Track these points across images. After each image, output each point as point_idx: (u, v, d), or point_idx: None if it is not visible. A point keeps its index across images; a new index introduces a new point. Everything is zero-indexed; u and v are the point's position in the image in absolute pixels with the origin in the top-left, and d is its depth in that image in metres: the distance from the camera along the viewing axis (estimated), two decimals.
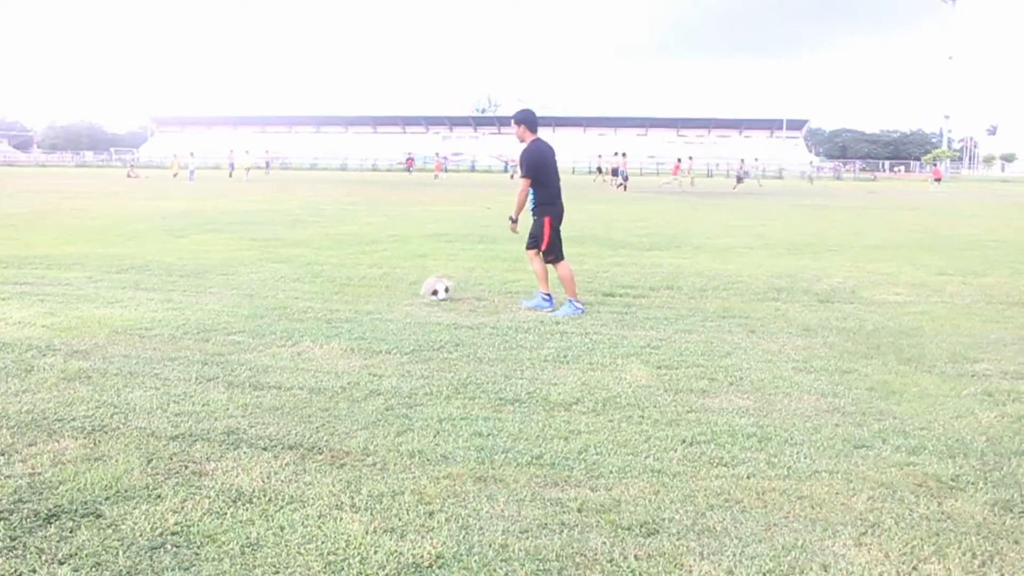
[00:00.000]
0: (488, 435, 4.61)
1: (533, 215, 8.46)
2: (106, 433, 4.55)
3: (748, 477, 4.07)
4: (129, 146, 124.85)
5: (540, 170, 8.36)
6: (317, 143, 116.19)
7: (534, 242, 8.46)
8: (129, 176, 54.71)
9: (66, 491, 3.76)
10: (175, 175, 50.32)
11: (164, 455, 4.23)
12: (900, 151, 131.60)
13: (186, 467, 4.09)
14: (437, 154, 75.28)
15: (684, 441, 4.57)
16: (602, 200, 32.17)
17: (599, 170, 48.86)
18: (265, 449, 4.34)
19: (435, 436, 4.58)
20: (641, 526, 3.51)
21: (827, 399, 5.43)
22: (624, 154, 47.83)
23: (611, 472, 4.11)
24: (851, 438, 4.68)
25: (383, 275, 10.50)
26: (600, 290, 9.58)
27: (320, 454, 4.29)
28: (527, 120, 8.30)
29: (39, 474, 3.96)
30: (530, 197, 8.44)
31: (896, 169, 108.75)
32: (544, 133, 8.38)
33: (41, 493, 3.74)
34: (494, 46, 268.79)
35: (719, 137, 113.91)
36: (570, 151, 67.00)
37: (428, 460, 4.23)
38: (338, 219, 20.36)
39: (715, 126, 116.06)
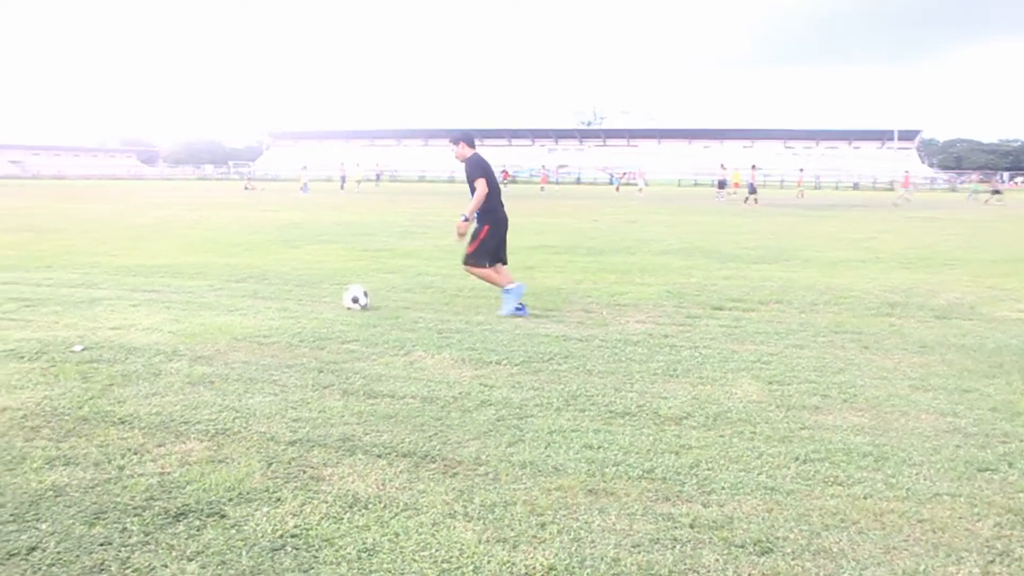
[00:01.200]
0: (599, 448, 4.60)
1: (476, 221, 8.77)
2: (229, 436, 4.71)
3: (865, 497, 3.95)
4: (246, 159, 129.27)
5: (490, 176, 8.76)
6: (425, 156, 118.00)
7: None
8: (246, 189, 56.58)
9: (193, 491, 3.91)
10: (302, 187, 51.54)
11: (283, 459, 4.35)
12: (1021, 161, 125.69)
13: (304, 472, 4.19)
14: (543, 167, 75.49)
15: (797, 459, 4.46)
16: (707, 212, 31.77)
17: (721, 184, 48.14)
18: (380, 456, 4.42)
19: (546, 447, 4.59)
20: (755, 544, 3.44)
21: (947, 419, 5.22)
22: (754, 166, 46.97)
23: (723, 488, 4.04)
24: (974, 460, 4.49)
25: (492, 287, 10.55)
26: (709, 303, 9.45)
27: (433, 462, 4.34)
28: (466, 138, 8.92)
29: (168, 473, 4.13)
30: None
31: (1015, 180, 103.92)
32: (649, 146, 8.44)
33: (170, 492, 3.90)
34: (598, 59, 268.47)
35: (828, 148, 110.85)
36: (675, 163, 66.31)
37: (539, 471, 4.24)
38: (446, 231, 20.56)
39: (823, 137, 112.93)
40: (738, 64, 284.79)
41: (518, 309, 8.61)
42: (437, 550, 3.38)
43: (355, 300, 8.78)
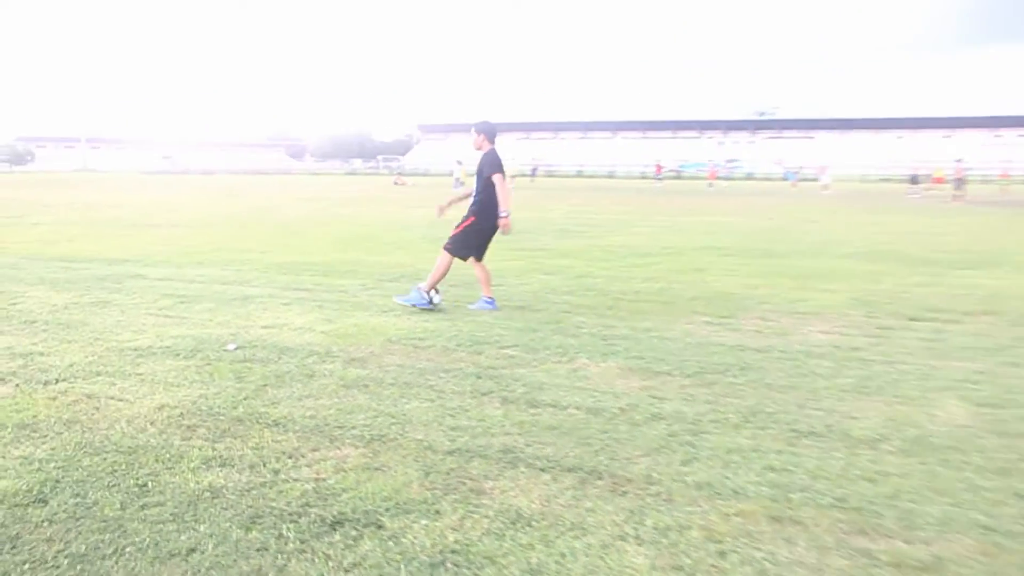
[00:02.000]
0: (783, 470, 4.45)
1: (469, 209, 9.28)
2: (385, 443, 4.81)
3: None
4: (395, 154, 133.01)
5: (502, 174, 9.13)
6: (583, 149, 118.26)
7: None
8: (396, 184, 58.18)
9: (349, 499, 4.01)
10: (455, 183, 52.62)
11: (442, 470, 4.41)
12: None
13: (464, 484, 4.23)
14: (710, 161, 74.16)
15: (1020, 496, 4.17)
16: (896, 211, 30.47)
17: (914, 180, 46.31)
18: (543, 470, 4.42)
19: (724, 468, 4.48)
20: None
21: None
22: (959, 160, 44.85)
23: (929, 524, 3.83)
24: None
25: (659, 290, 10.47)
26: (903, 313, 9.03)
27: (600, 479, 4.31)
28: (488, 131, 9.21)
29: (323, 480, 4.25)
30: (472, 193, 9.37)
31: None
32: (830, 137, 8.15)
33: (326, 499, 4.01)
34: (772, 45, 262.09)
35: None
36: (859, 157, 63.81)
37: (717, 494, 4.14)
38: (607, 229, 20.60)
39: None
40: (933, 45, 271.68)
41: (488, 302, 9.14)
42: (606, 575, 3.34)
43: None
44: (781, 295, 10.19)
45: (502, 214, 9.03)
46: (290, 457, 4.56)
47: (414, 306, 8.93)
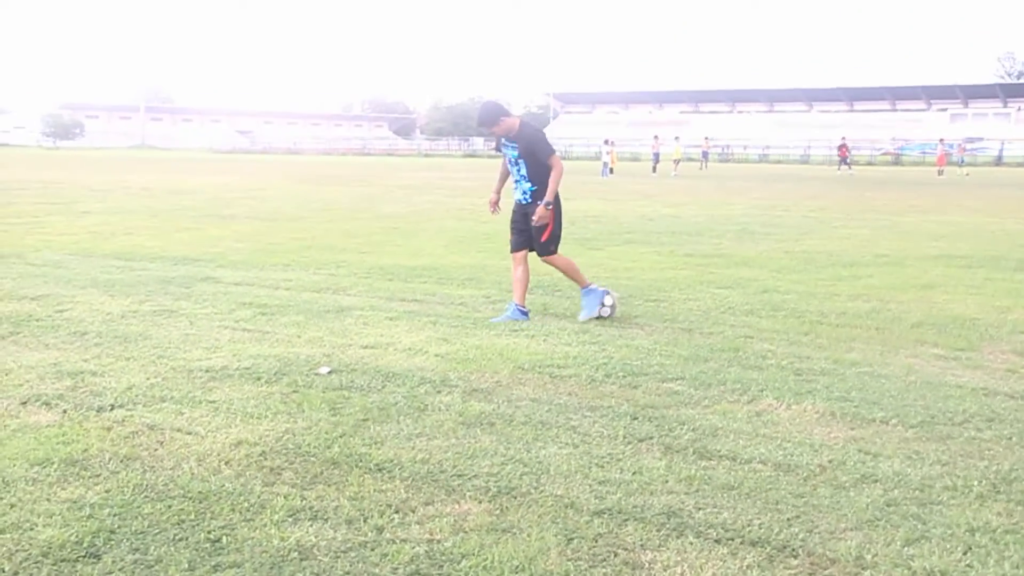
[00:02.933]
0: None
1: (536, 204, 9.65)
2: (515, 498, 4.84)
3: None
4: None
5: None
6: (769, 125, 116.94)
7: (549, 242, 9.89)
8: None
9: (470, 567, 4.05)
10: (603, 170, 52.85)
11: (587, 535, 4.41)
12: None
13: (615, 554, 4.23)
14: (941, 141, 71.83)
15: None
16: None
17: None
18: (718, 541, 4.38)
19: (964, 554, 4.32)
20: None
21: None
22: None
23: None
24: None
25: (871, 311, 10.26)
26: None
27: (795, 558, 4.24)
28: (504, 111, 9.86)
29: (439, 541, 4.31)
30: (527, 183, 9.84)
31: None
32: None
33: (441, 567, 4.06)
34: None
35: None
36: None
37: None
38: (801, 230, 20.31)
39: None
40: None
41: (522, 313, 9.68)
42: None
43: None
44: None
45: (547, 202, 9.58)
46: (397, 511, 4.63)
47: (596, 317, 9.51)
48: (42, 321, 8.94)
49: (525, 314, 9.64)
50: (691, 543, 4.36)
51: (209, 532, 4.34)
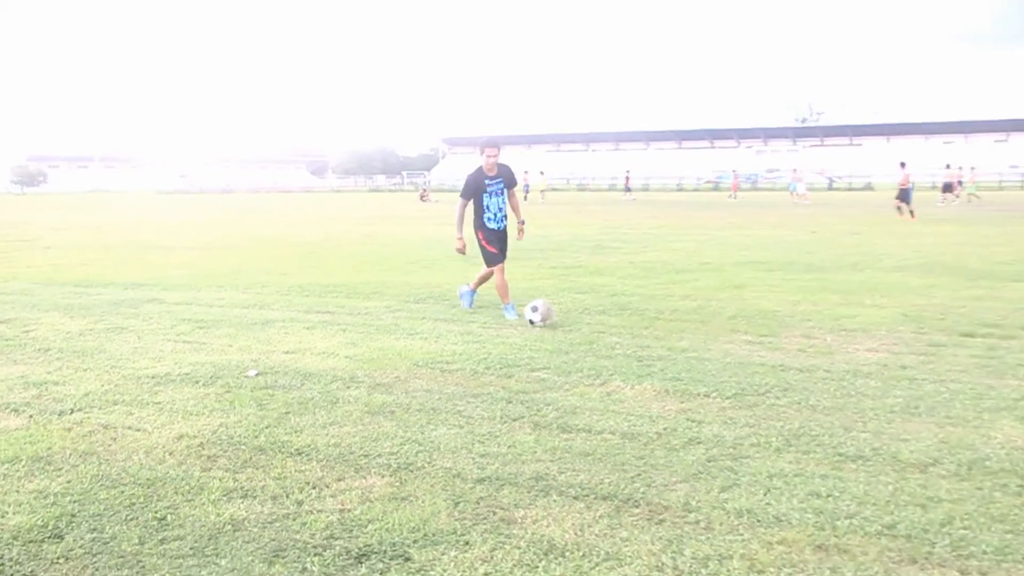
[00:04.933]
0: (828, 496, 4.45)
1: (504, 227, 10.29)
2: (411, 472, 4.85)
3: None
4: (420, 169, 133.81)
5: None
6: (616, 161, 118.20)
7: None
8: (422, 199, 58.50)
9: (375, 530, 4.05)
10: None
11: (471, 499, 4.44)
12: None
13: (494, 513, 4.27)
14: (734, 172, 72.50)
15: None
16: (947, 221, 30.20)
17: (947, 187, 47.04)
18: (577, 498, 4.45)
19: (765, 494, 4.48)
20: None
21: None
22: (948, 165, 49.14)
23: (986, 553, 3.81)
24: None
25: (697, 308, 10.47)
26: (956, 329, 8.95)
27: (637, 507, 4.33)
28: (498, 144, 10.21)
29: (349, 511, 4.30)
30: (496, 209, 10.17)
31: None
32: (876, 143, 8.13)
33: (351, 531, 4.06)
34: (812, 46, 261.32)
35: None
36: (909, 164, 63.21)
37: (758, 521, 4.14)
38: (643, 245, 20.58)
39: None
40: (985, 40, 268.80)
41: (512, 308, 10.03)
42: None
43: (537, 312, 9.30)
44: (826, 311, 10.15)
45: (521, 220, 10.58)
46: (314, 487, 4.62)
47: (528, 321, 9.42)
48: (11, 340, 8.68)
49: (512, 308, 9.99)
50: (555, 500, 4.42)
51: (156, 512, 4.28)
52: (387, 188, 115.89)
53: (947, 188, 46.94)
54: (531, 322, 9.26)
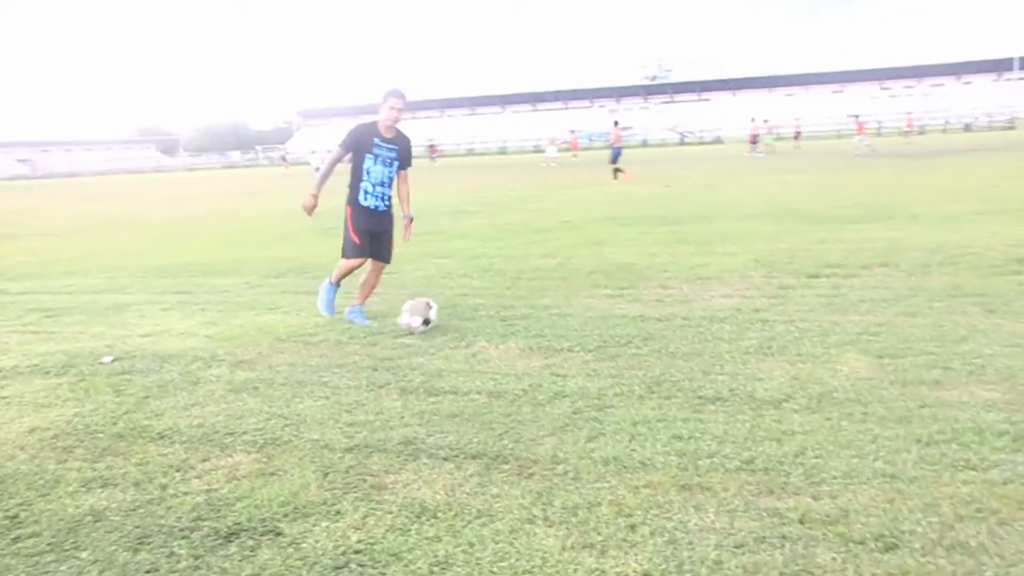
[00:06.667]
0: (689, 438, 4.57)
1: (389, 207, 8.07)
2: (279, 446, 4.77)
3: (1005, 483, 3.84)
4: (275, 143, 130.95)
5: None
6: (472, 126, 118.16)
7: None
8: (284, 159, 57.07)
9: (244, 508, 3.97)
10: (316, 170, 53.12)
11: (340, 468, 4.40)
12: None
13: (364, 480, 4.23)
14: (572, 132, 72.28)
15: (919, 441, 4.38)
16: (795, 170, 31.30)
17: (755, 139, 49.89)
18: (446, 459, 4.45)
19: (630, 441, 4.57)
20: (876, 540, 3.38)
21: None
22: (753, 119, 53.58)
23: (835, 478, 3.98)
24: None
25: (558, 266, 10.59)
26: (803, 271, 9.32)
27: (506, 463, 4.36)
28: None
29: (215, 490, 4.20)
30: (379, 180, 7.90)
31: None
32: (723, 98, 8.28)
33: (219, 510, 3.97)
34: (663, 4, 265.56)
35: (932, 87, 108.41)
36: (761, 115, 65.38)
37: (625, 467, 4.23)
38: (503, 207, 20.68)
39: (927, 74, 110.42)
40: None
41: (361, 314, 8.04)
42: (517, 560, 3.38)
43: (425, 322, 7.39)
44: (682, 262, 10.41)
45: (411, 216, 8.27)
46: (178, 470, 4.49)
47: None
48: None
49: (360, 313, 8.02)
50: (425, 463, 4.41)
51: (7, 511, 4.07)
52: (242, 164, 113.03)
53: (755, 140, 49.71)
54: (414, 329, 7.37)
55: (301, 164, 69.03)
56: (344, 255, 8.02)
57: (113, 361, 6.83)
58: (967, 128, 78.55)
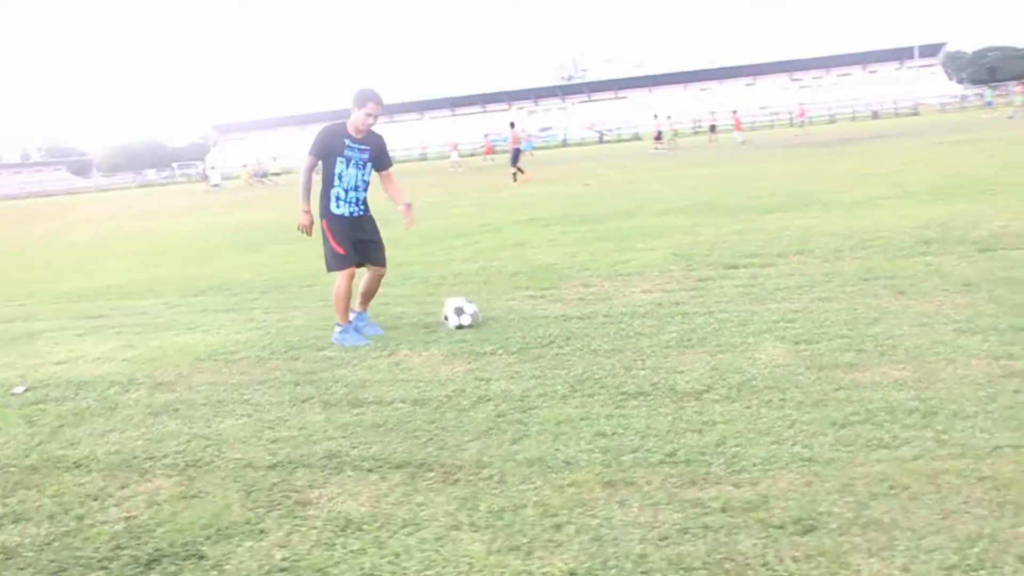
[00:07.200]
0: (613, 435, 4.61)
1: (366, 211, 8.05)
2: (200, 468, 4.69)
3: (915, 459, 3.95)
4: (191, 159, 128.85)
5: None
6: (392, 133, 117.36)
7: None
8: (210, 190, 56.68)
9: (165, 533, 3.89)
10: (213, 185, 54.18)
11: (264, 486, 4.34)
12: None
13: (288, 497, 4.18)
14: (486, 136, 72.22)
15: (835, 423, 4.47)
16: (711, 163, 31.76)
17: (659, 136, 50.81)
18: (371, 471, 4.42)
19: (554, 441, 4.59)
20: (795, 523, 3.45)
21: (1000, 362, 5.24)
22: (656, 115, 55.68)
23: (755, 465, 4.05)
24: None
25: (479, 269, 10.61)
26: (721, 263, 9.46)
27: (431, 471, 4.34)
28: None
29: (135, 517, 4.11)
30: (352, 184, 7.78)
31: None
32: (639, 95, 8.36)
33: (139, 537, 3.88)
34: (575, 4, 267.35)
35: (840, 76, 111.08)
36: (672, 111, 66.30)
37: (549, 468, 4.24)
38: (423, 213, 20.49)
39: (834, 64, 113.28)
40: None
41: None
42: (443, 567, 3.37)
43: (463, 312, 7.46)
44: (602, 259, 10.49)
45: (409, 203, 8.32)
46: (95, 499, 4.37)
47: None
48: None
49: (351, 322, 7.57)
50: (349, 476, 4.38)
51: None
52: (159, 182, 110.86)
53: (659, 136, 50.74)
54: (460, 326, 7.40)
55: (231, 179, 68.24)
56: (329, 269, 7.75)
57: (25, 391, 6.63)
58: (875, 116, 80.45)
